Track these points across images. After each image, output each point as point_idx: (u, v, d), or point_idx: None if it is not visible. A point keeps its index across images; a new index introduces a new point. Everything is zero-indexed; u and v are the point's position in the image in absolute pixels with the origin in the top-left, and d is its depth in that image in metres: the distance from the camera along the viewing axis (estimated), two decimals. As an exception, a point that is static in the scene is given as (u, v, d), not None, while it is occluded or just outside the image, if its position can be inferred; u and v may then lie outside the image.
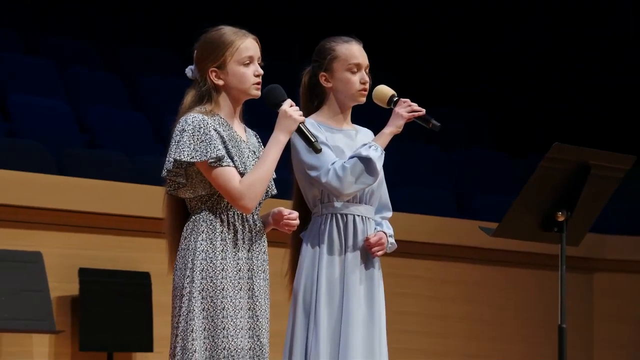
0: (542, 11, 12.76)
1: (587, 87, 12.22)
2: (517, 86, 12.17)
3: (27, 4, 9.88)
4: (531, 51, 12.48)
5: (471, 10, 12.72)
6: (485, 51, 12.40)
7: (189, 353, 4.36)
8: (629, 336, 8.43)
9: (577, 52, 12.44)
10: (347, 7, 11.99)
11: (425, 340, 7.42)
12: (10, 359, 5.89)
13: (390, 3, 12.55)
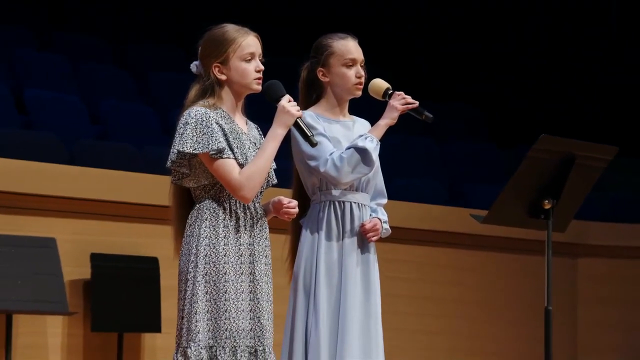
0: (541, 11, 12.61)
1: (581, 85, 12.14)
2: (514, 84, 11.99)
3: (42, 3, 9.87)
4: (531, 50, 12.33)
5: (470, 10, 12.58)
6: (480, 50, 12.26)
7: (193, 334, 4.36)
8: (612, 318, 8.43)
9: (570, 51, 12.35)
10: (346, 7, 11.85)
11: (416, 320, 7.42)
12: (26, 339, 5.89)
13: (390, 3, 12.39)
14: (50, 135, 7.54)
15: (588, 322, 8.36)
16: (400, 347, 7.04)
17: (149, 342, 6.30)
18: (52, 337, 5.99)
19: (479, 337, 7.80)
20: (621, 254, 8.46)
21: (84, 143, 7.66)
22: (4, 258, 5.69)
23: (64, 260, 5.91)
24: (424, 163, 9.53)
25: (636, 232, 8.57)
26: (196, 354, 4.36)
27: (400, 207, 6.81)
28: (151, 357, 6.30)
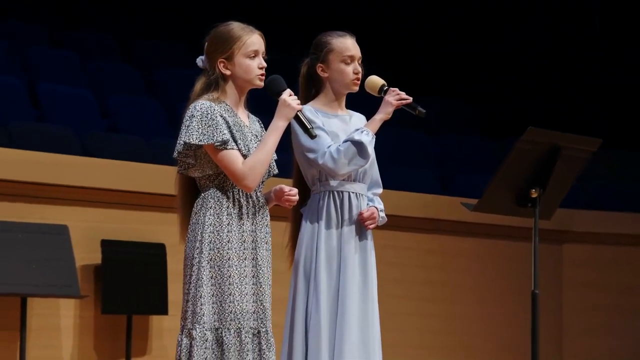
0: (541, 11, 12.50)
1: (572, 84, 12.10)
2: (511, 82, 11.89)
3: (55, 4, 9.87)
4: (531, 50, 12.27)
5: (470, 10, 12.46)
6: (480, 50, 12.16)
7: (198, 316, 4.36)
8: (595, 301, 8.44)
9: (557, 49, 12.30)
10: (346, 6, 11.74)
11: (411, 304, 7.43)
12: (40, 321, 5.90)
13: (390, 3, 12.26)
14: (63, 127, 7.55)
15: (572, 304, 8.38)
16: (395, 329, 7.04)
17: (157, 324, 6.31)
18: (65, 319, 6.00)
19: (469, 319, 7.81)
20: (604, 240, 8.47)
21: (94, 135, 7.67)
22: (19, 244, 5.70)
23: (76, 247, 5.92)
24: (418, 155, 9.54)
25: (618, 219, 8.58)
26: (201, 335, 4.36)
27: (395, 197, 6.82)
28: (158, 338, 6.31)
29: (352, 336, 4.71)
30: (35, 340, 5.84)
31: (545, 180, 5.04)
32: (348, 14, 11.60)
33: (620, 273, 8.49)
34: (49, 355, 5.95)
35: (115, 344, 6.14)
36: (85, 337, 6.06)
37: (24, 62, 8.66)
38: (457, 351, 7.75)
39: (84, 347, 6.06)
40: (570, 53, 12.24)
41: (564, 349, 8.33)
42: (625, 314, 8.46)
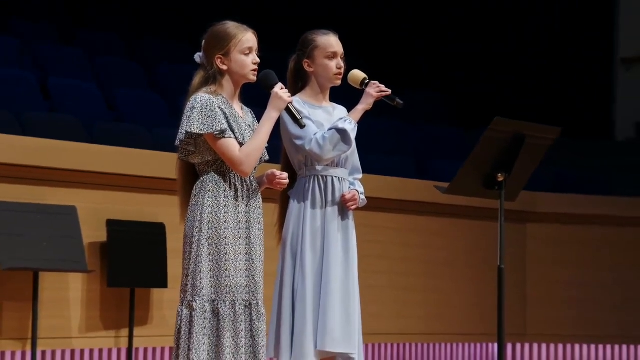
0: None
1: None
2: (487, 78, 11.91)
3: (64, 4, 9.84)
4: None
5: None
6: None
7: (198, 289, 4.38)
8: (556, 276, 8.46)
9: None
10: (346, 7, 11.55)
11: (388, 278, 7.44)
12: (50, 294, 5.89)
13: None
14: (72, 118, 7.54)
15: (535, 279, 8.40)
16: (374, 301, 7.06)
17: (157, 296, 6.31)
18: (73, 292, 6.00)
19: (443, 292, 7.82)
20: (564, 220, 8.49)
21: (100, 125, 7.66)
22: (32, 223, 5.69)
23: (84, 226, 5.91)
24: (396, 143, 9.54)
25: (577, 201, 8.60)
26: (201, 307, 4.38)
27: (374, 180, 6.82)
28: (159, 309, 6.31)
29: (335, 315, 4.71)
30: (47, 311, 5.83)
31: (510, 166, 5.05)
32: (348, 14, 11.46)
33: (579, 250, 8.51)
34: (59, 325, 5.94)
35: (119, 315, 6.14)
36: (92, 308, 6.06)
37: (36, 59, 8.64)
38: (430, 321, 7.77)
39: (91, 318, 6.06)
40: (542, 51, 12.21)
41: (527, 319, 8.35)
42: (584, 287, 8.48)
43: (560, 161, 9.43)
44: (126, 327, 6.14)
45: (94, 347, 6.16)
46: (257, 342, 4.42)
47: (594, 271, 8.48)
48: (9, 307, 5.74)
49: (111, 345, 6.18)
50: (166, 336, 6.24)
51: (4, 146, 5.83)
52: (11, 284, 5.73)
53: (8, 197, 5.75)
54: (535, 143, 5.07)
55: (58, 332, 5.93)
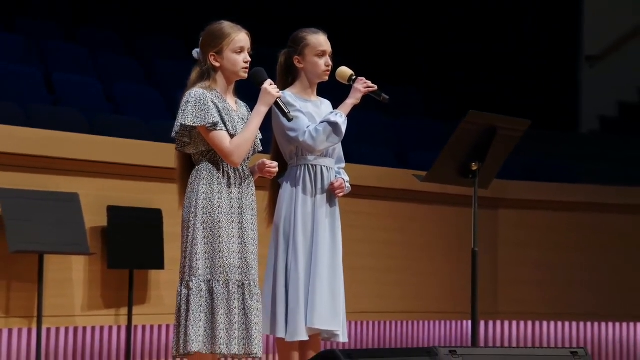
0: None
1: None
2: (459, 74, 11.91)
3: (67, 3, 9.81)
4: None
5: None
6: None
7: (194, 270, 4.40)
8: (525, 257, 8.48)
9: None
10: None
11: (370, 260, 7.45)
12: (55, 274, 5.89)
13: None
14: (74, 110, 7.52)
15: (506, 260, 8.42)
16: (357, 281, 7.07)
17: (155, 277, 6.30)
18: (76, 273, 5.99)
19: (420, 273, 7.84)
20: (533, 206, 8.51)
21: (101, 117, 7.64)
22: (37, 209, 5.68)
23: (85, 211, 5.90)
24: (378, 135, 9.54)
25: (545, 189, 8.62)
26: (197, 286, 4.40)
27: (359, 170, 6.83)
28: (156, 289, 6.31)
29: (323, 295, 4.73)
30: (51, 291, 5.83)
31: (483, 155, 5.06)
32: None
33: (547, 234, 8.53)
34: (63, 304, 5.93)
35: (119, 294, 6.14)
36: (93, 288, 6.05)
37: (41, 55, 8.61)
38: (409, 300, 7.78)
39: (93, 297, 6.05)
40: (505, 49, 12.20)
41: (499, 298, 8.37)
42: (551, 269, 8.51)
43: (530, 152, 9.45)
44: (125, 306, 6.13)
45: (95, 324, 6.16)
46: (249, 319, 4.43)
47: (560, 253, 8.51)
48: (16, 287, 5.73)
49: (111, 323, 6.18)
50: (163, 314, 6.24)
51: (11, 137, 5.81)
52: (18, 266, 5.72)
53: (15, 184, 5.73)
54: (506, 135, 5.08)
55: (62, 310, 5.92)
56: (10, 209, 5.59)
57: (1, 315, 5.68)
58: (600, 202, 8.64)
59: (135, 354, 6.33)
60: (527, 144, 6.89)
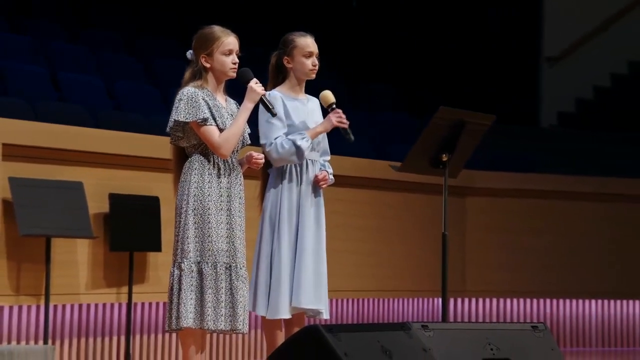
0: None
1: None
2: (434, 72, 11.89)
3: (71, 6, 9.77)
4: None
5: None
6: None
7: (186, 252, 4.42)
8: (490, 241, 8.50)
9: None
10: (327, 8, 11.43)
11: (349, 244, 7.45)
12: (61, 256, 5.87)
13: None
14: (78, 106, 7.49)
15: (473, 244, 8.45)
16: (338, 263, 7.06)
17: (153, 259, 6.30)
18: (81, 255, 5.98)
19: (395, 255, 7.85)
20: (498, 194, 8.54)
21: (103, 112, 7.62)
22: (45, 196, 5.66)
23: (89, 199, 5.89)
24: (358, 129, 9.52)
25: (509, 178, 8.65)
26: (188, 267, 4.42)
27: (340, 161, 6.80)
28: (154, 270, 6.30)
29: (308, 276, 4.74)
30: (58, 271, 5.81)
31: (453, 147, 5.07)
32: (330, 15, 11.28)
33: (510, 219, 8.56)
34: (68, 283, 5.92)
35: (120, 274, 6.13)
36: (96, 269, 6.04)
37: (47, 55, 8.57)
38: (384, 280, 7.80)
39: (96, 277, 6.04)
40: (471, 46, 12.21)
41: (466, 277, 8.40)
42: (514, 251, 8.54)
43: (495, 144, 9.48)
44: (126, 285, 6.13)
45: (98, 302, 6.15)
46: (236, 298, 4.46)
47: (522, 237, 8.54)
48: (26, 268, 5.72)
49: (113, 300, 6.17)
50: (160, 293, 6.24)
51: (20, 130, 5.79)
52: (27, 248, 5.71)
53: (24, 174, 5.71)
54: (473, 128, 5.09)
55: (67, 289, 5.91)
56: (20, 196, 5.57)
57: (12, 293, 5.67)
58: (558, 190, 8.68)
59: (135, 328, 6.33)
60: (492, 137, 6.91)
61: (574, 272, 8.61)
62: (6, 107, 6.91)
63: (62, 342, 6.00)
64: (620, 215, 8.76)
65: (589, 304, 8.77)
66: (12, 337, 5.76)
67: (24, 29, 8.84)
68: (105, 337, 6.20)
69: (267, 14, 11.04)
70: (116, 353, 6.23)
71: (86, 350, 6.10)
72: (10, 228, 5.60)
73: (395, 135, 9.64)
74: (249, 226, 4.65)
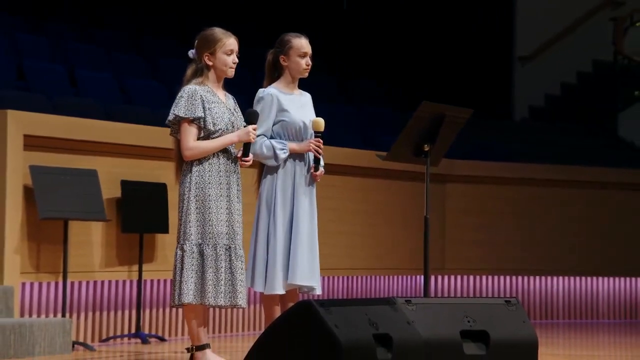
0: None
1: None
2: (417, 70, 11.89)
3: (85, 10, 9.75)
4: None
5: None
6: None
7: (188, 235, 4.43)
8: (468, 222, 8.51)
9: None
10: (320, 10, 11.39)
11: (339, 226, 7.44)
12: (78, 237, 5.85)
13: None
14: (92, 100, 7.47)
15: (452, 226, 8.45)
16: (329, 244, 7.06)
17: (160, 240, 6.29)
18: (95, 236, 5.96)
19: (381, 236, 7.85)
20: (475, 181, 8.54)
21: (115, 106, 7.60)
22: (63, 183, 5.64)
23: (103, 185, 5.87)
24: (348, 122, 9.53)
25: (485, 166, 8.65)
26: (190, 249, 4.43)
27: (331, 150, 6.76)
28: (162, 249, 6.29)
29: (303, 256, 4.74)
30: (74, 251, 5.80)
31: (434, 138, 5.06)
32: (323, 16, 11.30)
33: (486, 203, 8.56)
34: (84, 262, 5.91)
35: (131, 254, 6.12)
36: (109, 249, 6.03)
37: (65, 54, 8.55)
38: (371, 259, 7.79)
39: (109, 256, 6.03)
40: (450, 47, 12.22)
41: (446, 256, 8.41)
42: (489, 232, 8.54)
43: (472, 135, 9.48)
44: (136, 264, 6.12)
45: (111, 279, 6.13)
46: (235, 276, 4.46)
47: (497, 219, 8.55)
48: (45, 248, 5.70)
49: (125, 277, 6.16)
50: (167, 270, 6.20)
51: (40, 123, 5.77)
52: (47, 230, 5.69)
53: (43, 162, 5.69)
54: (453, 121, 5.08)
55: (83, 267, 5.90)
56: (39, 182, 5.55)
57: (33, 271, 5.65)
58: (529, 177, 8.69)
59: (145, 303, 6.32)
60: (470, 129, 6.91)
61: (543, 251, 8.63)
62: (27, 101, 6.89)
63: (79, 315, 5.98)
64: (584, 199, 8.78)
65: (556, 280, 8.79)
66: (33, 310, 5.75)
67: (43, 31, 8.83)
68: (118, 310, 6.19)
69: (263, 15, 11.02)
70: (128, 325, 6.22)
71: (100, 323, 6.09)
72: (31, 212, 5.57)
73: (381, 127, 9.64)
74: (246, 211, 4.65)
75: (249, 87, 4.76)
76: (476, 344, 3.46)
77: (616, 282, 8.93)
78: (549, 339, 6.88)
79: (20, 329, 5.15)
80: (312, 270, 4.76)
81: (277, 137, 4.80)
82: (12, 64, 7.87)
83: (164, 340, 6.26)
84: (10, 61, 7.89)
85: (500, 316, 3.56)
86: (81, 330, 5.97)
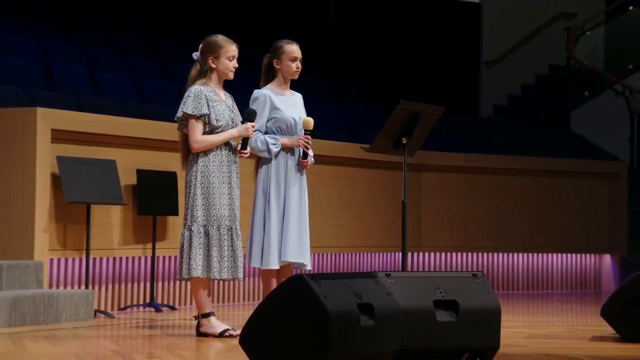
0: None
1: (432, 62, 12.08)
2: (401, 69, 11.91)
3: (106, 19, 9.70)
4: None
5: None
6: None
7: (195, 217, 4.44)
8: (440, 207, 8.52)
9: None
10: (309, 15, 11.38)
11: (327, 210, 7.44)
12: (99, 219, 5.84)
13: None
14: (111, 99, 7.45)
15: (427, 209, 8.46)
16: (318, 227, 7.06)
17: (171, 221, 6.28)
18: (114, 218, 5.95)
19: (364, 220, 7.85)
20: (447, 170, 8.55)
21: (131, 104, 7.58)
22: (85, 172, 5.63)
23: (121, 173, 5.85)
24: (335, 117, 9.52)
25: (456, 157, 8.66)
26: (197, 230, 4.44)
27: (320, 143, 6.79)
28: (172, 230, 6.28)
29: (293, 236, 4.74)
30: (96, 231, 5.79)
31: (411, 132, 5.06)
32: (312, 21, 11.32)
33: (456, 189, 8.57)
34: (104, 241, 5.90)
35: (145, 234, 6.11)
36: (127, 229, 6.02)
37: (87, 58, 8.52)
38: (356, 238, 7.80)
39: (126, 236, 6.02)
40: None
41: (422, 236, 8.42)
42: (459, 214, 8.56)
43: (444, 130, 9.49)
44: (150, 242, 6.11)
45: (128, 255, 6.13)
46: (236, 254, 4.50)
47: (466, 204, 8.56)
48: (70, 228, 5.69)
49: (140, 254, 6.15)
50: (177, 248, 6.22)
51: (66, 119, 5.74)
52: (72, 213, 5.67)
53: (69, 153, 5.67)
54: (427, 117, 5.08)
55: (104, 245, 5.89)
56: (65, 171, 5.54)
57: (60, 248, 5.65)
58: (494, 167, 8.71)
59: (158, 277, 6.31)
60: (442, 125, 6.91)
61: (505, 231, 8.67)
62: (54, 100, 6.87)
63: (100, 287, 5.98)
64: (541, 185, 8.82)
65: (516, 256, 8.84)
66: (59, 283, 5.75)
67: (69, 38, 8.80)
68: (134, 283, 6.18)
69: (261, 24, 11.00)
70: (143, 296, 6.22)
71: (119, 294, 6.09)
72: (57, 197, 5.56)
73: (364, 122, 9.64)
74: (244, 195, 4.66)
75: (249, 87, 4.75)
76: (447, 312, 3.48)
77: (568, 258, 8.99)
78: (510, 307, 6.93)
79: (49, 299, 5.16)
80: (302, 248, 4.77)
81: (271, 133, 4.80)
82: (41, 67, 7.85)
83: (174, 309, 6.26)
84: (40, 64, 7.87)
85: (468, 288, 3.57)
86: (102, 300, 5.97)
